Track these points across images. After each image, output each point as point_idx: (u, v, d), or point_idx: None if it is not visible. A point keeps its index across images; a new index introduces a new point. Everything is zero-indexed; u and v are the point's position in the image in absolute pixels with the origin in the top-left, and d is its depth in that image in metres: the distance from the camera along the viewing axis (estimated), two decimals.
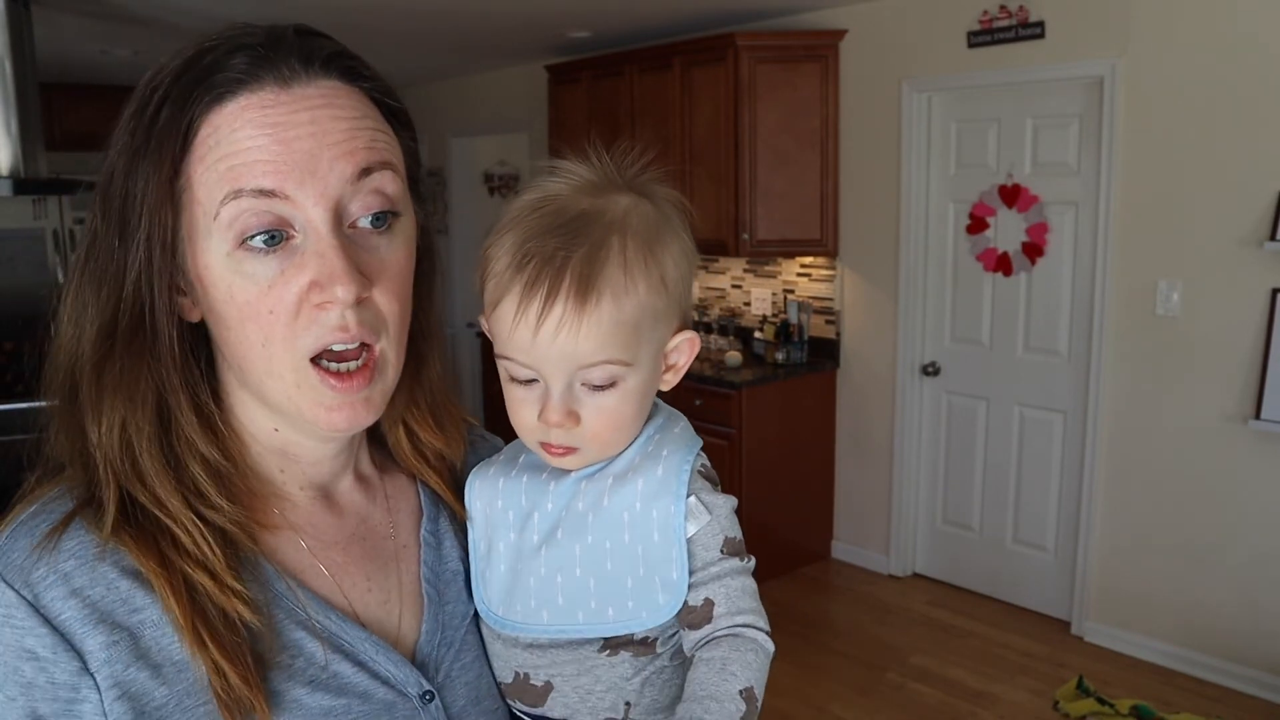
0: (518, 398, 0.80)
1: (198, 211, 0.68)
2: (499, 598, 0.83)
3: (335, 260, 0.67)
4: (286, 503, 0.78)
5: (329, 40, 0.73)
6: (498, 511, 0.85)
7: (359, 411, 0.73)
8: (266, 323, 0.68)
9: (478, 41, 5.16)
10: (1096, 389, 3.71)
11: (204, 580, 0.68)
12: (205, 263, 0.69)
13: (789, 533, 4.53)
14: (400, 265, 0.74)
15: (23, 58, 3.53)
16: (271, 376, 0.71)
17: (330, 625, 0.74)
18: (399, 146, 0.75)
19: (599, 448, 0.80)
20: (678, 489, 0.80)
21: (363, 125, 0.71)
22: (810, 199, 4.45)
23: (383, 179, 0.71)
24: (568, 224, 0.76)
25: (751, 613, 0.79)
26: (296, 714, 0.70)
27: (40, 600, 0.65)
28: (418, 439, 0.88)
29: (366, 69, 0.74)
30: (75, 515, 0.69)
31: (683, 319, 0.82)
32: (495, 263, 0.78)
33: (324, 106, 0.69)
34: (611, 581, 0.79)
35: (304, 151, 0.67)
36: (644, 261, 0.77)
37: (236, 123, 0.67)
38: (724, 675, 0.74)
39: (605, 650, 0.80)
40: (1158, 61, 3.40)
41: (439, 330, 0.87)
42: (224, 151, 0.67)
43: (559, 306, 0.74)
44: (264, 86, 0.68)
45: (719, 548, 0.80)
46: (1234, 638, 3.41)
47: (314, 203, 0.68)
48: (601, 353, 0.76)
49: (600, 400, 0.78)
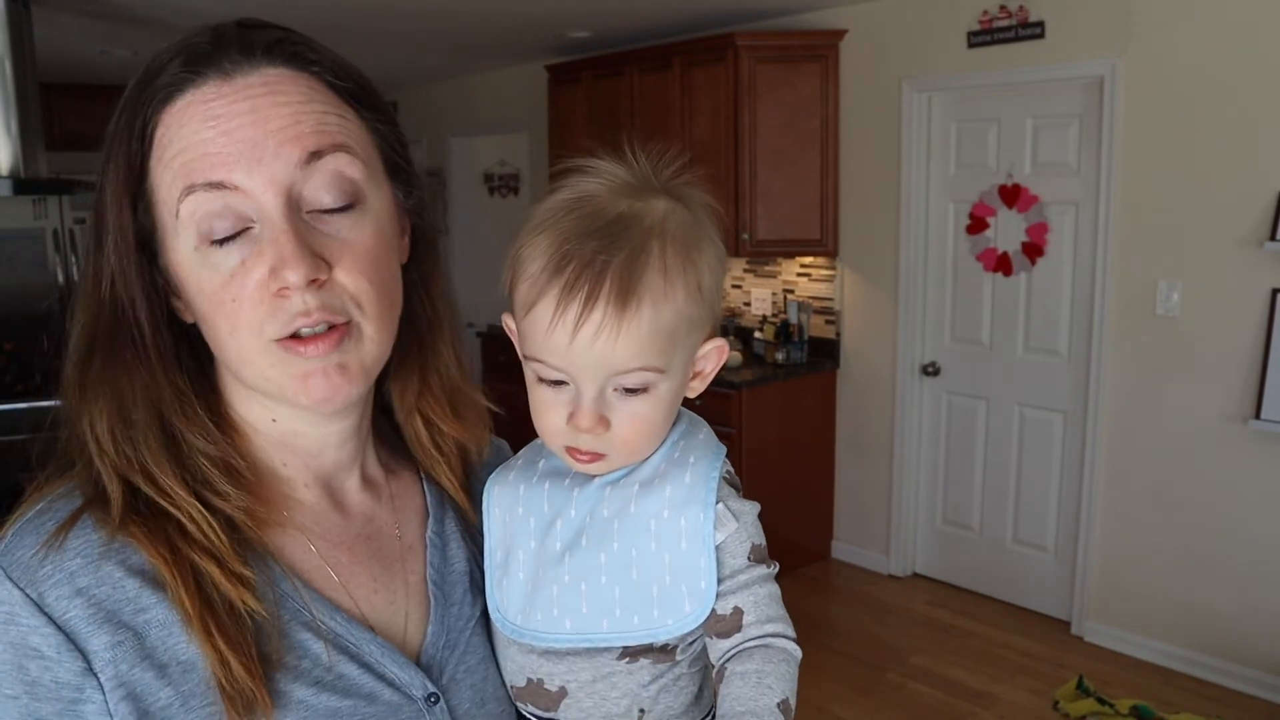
0: (546, 400, 0.79)
1: (164, 212, 0.70)
2: (517, 606, 0.82)
3: (286, 244, 0.67)
4: (293, 502, 0.78)
5: (274, 29, 0.73)
6: (518, 519, 0.83)
7: (334, 379, 0.71)
8: (231, 311, 0.69)
9: (478, 41, 5.16)
10: (1096, 389, 3.71)
11: (211, 568, 0.69)
12: (177, 260, 0.71)
13: (789, 533, 4.53)
14: (367, 245, 0.72)
15: (23, 58, 3.52)
16: (246, 364, 0.71)
17: (335, 626, 0.74)
18: (361, 127, 0.74)
19: (626, 454, 0.79)
20: (706, 496, 0.79)
21: (309, 109, 0.70)
22: (810, 199, 4.45)
23: (337, 161, 0.70)
24: (606, 227, 0.75)
25: (780, 620, 0.78)
26: (301, 714, 0.69)
27: (45, 599, 0.65)
28: (436, 429, 0.87)
29: (314, 53, 0.73)
30: (82, 512, 0.69)
31: (714, 326, 0.81)
32: (530, 264, 0.76)
33: (266, 94, 0.69)
34: (637, 589, 0.78)
35: (247, 140, 0.67)
36: (683, 268, 0.76)
37: (183, 119, 0.68)
38: (761, 689, 0.74)
39: (624, 658, 0.80)
40: (1158, 61, 3.40)
41: (451, 318, 0.87)
42: (176, 149, 0.68)
43: (598, 312, 0.73)
44: (207, 81, 0.69)
45: (746, 555, 0.79)
46: (1234, 638, 3.41)
47: (263, 190, 0.68)
48: (638, 359, 0.75)
49: (632, 406, 0.77)
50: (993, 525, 4.21)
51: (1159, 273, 3.48)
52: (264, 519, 0.74)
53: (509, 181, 6.75)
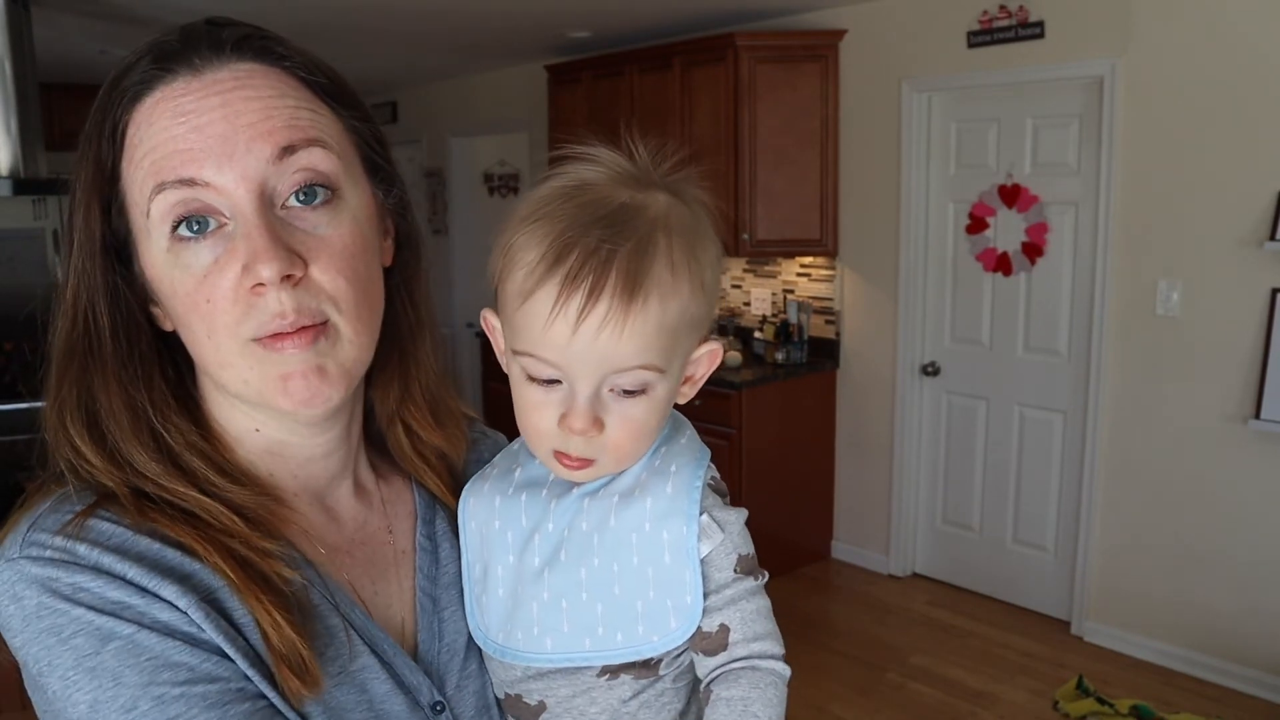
0: (535, 401, 0.74)
1: (136, 213, 0.68)
2: (498, 624, 0.79)
3: (259, 239, 0.65)
4: (285, 509, 0.76)
5: (243, 25, 0.72)
6: (494, 532, 0.80)
7: (313, 382, 0.69)
8: (206, 313, 0.67)
9: (478, 41, 5.16)
10: (1096, 389, 3.71)
11: (237, 545, 0.68)
12: (150, 262, 0.69)
13: (789, 533, 4.54)
14: (344, 243, 0.70)
15: (23, 58, 3.52)
16: (224, 367, 0.69)
17: (355, 619, 0.73)
18: (335, 123, 0.72)
19: (616, 460, 0.76)
20: (689, 508, 0.75)
21: (281, 104, 0.68)
22: (810, 199, 4.45)
23: (310, 156, 0.69)
24: (609, 216, 0.71)
25: (767, 638, 0.76)
26: (325, 702, 0.68)
27: (101, 564, 0.64)
28: (417, 438, 0.86)
29: (284, 47, 0.71)
30: (98, 506, 0.67)
31: (710, 328, 0.78)
32: (526, 252, 0.72)
33: (236, 89, 0.67)
34: (620, 606, 0.75)
35: (217, 135, 0.66)
36: (688, 264, 0.73)
37: (153, 116, 0.67)
38: (745, 718, 0.73)
39: (605, 674, 0.77)
40: (1158, 61, 3.39)
41: (431, 323, 0.84)
42: (146, 148, 0.67)
43: (603, 304, 0.69)
44: (177, 78, 0.68)
45: (732, 567, 0.76)
46: (1234, 638, 3.41)
47: (235, 185, 0.66)
48: (640, 357, 0.71)
49: (627, 409, 0.73)
50: (993, 525, 4.21)
51: (1159, 273, 3.48)
52: (270, 510, 0.73)
53: (509, 181, 6.75)
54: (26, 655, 0.63)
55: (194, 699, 0.61)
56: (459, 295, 6.63)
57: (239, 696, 0.63)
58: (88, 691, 0.61)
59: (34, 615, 0.62)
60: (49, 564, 0.63)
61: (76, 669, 0.61)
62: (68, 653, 0.61)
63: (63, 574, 0.63)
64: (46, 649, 0.62)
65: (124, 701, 0.60)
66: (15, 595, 0.63)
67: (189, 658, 0.63)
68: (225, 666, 0.64)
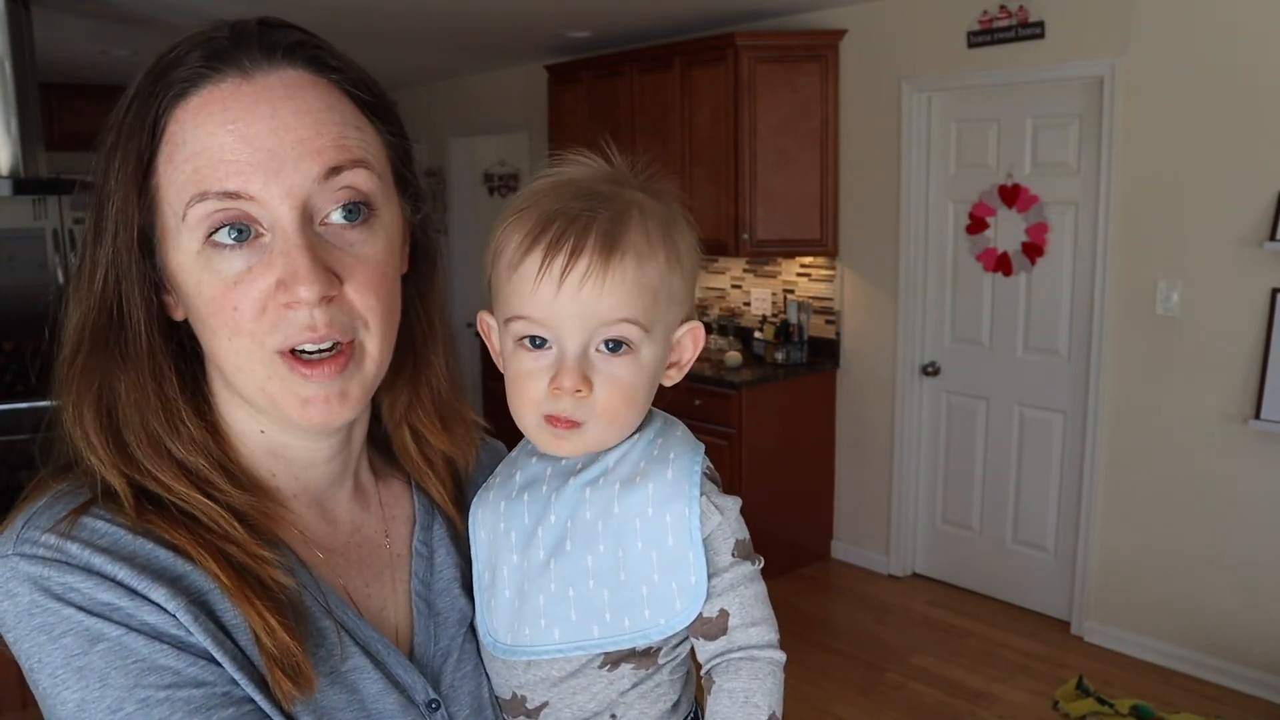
0: (526, 369, 0.78)
1: (168, 211, 0.68)
2: (506, 625, 0.81)
3: (300, 259, 0.66)
4: (282, 509, 0.77)
5: (295, 30, 0.71)
6: (500, 535, 0.82)
7: (334, 406, 0.70)
8: (231, 319, 0.67)
9: (478, 41, 5.16)
10: (1096, 389, 3.71)
11: (231, 549, 0.68)
12: (178, 260, 0.69)
13: (789, 533, 4.54)
14: (379, 261, 0.71)
15: (23, 58, 3.52)
16: (241, 371, 0.69)
17: (347, 620, 0.74)
18: (377, 140, 0.73)
19: (605, 424, 0.78)
20: (690, 490, 0.78)
21: (329, 120, 0.68)
22: (810, 199, 4.45)
23: (355, 177, 0.69)
24: (589, 195, 0.77)
25: (764, 623, 0.79)
26: (315, 703, 0.69)
27: (91, 565, 0.64)
28: (424, 441, 0.86)
29: (335, 58, 0.71)
30: (93, 503, 0.67)
31: (690, 311, 0.83)
32: (514, 234, 0.77)
33: (286, 99, 0.67)
34: (627, 591, 0.78)
35: (267, 150, 0.65)
36: (663, 237, 0.78)
37: (199, 118, 0.66)
38: (748, 708, 0.76)
39: (605, 665, 0.79)
40: (1158, 61, 3.40)
41: (444, 332, 0.85)
42: (189, 151, 0.66)
43: (584, 260, 0.74)
44: (226, 79, 0.67)
45: (730, 550, 0.79)
46: (1234, 638, 3.41)
47: (279, 201, 0.66)
48: (622, 309, 0.76)
49: (614, 368, 0.77)
50: (993, 525, 4.21)
51: (1159, 272, 3.48)
52: (269, 513, 0.74)
53: (509, 181, 6.75)
54: (19, 650, 0.64)
55: (178, 703, 0.62)
56: (459, 295, 6.62)
57: (224, 701, 0.63)
58: (75, 691, 0.62)
59: (26, 612, 0.63)
60: (41, 562, 0.64)
61: (65, 668, 0.62)
62: (57, 651, 0.62)
63: (54, 573, 0.63)
64: (38, 646, 0.63)
65: (110, 703, 0.61)
66: (9, 591, 0.64)
67: (175, 661, 0.63)
68: (212, 670, 0.64)
